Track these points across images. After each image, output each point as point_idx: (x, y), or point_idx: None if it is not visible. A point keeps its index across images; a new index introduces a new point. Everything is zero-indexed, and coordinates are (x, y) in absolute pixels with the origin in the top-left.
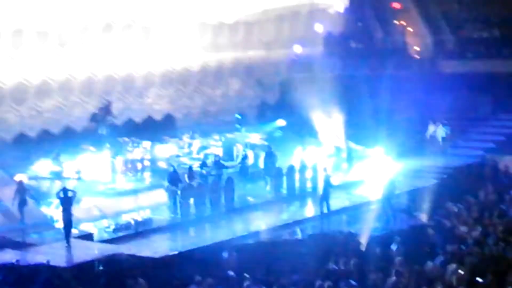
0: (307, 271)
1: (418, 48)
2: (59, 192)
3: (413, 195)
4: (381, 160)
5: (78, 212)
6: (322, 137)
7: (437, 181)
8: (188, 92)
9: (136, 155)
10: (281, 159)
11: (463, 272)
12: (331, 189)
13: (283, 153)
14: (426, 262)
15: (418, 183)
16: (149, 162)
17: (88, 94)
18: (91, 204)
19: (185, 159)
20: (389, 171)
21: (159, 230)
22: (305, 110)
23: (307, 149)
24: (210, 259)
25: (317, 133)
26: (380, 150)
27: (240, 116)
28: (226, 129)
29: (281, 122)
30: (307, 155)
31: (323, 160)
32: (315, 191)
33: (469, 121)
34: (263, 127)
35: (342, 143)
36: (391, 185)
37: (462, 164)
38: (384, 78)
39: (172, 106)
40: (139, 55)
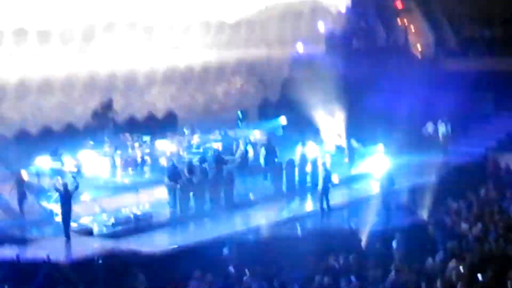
0: (307, 267)
1: (420, 47)
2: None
3: (414, 192)
4: (382, 158)
5: (78, 207)
6: (323, 135)
7: (438, 178)
8: (190, 90)
9: (136, 151)
10: (282, 156)
11: (463, 269)
12: (331, 186)
13: (285, 150)
14: (426, 258)
15: (419, 180)
16: (149, 158)
17: (90, 92)
18: (91, 199)
19: (185, 154)
20: (389, 169)
21: (159, 225)
22: (307, 108)
23: (308, 146)
24: (210, 254)
25: (318, 131)
26: (381, 148)
27: (241, 114)
28: (228, 127)
29: (282, 120)
30: (308, 152)
31: (324, 157)
32: (315, 187)
33: (471, 119)
34: (264, 124)
35: (343, 141)
36: (389, 182)
37: (463, 161)
38: (386, 77)
39: (174, 103)
40: (141, 53)
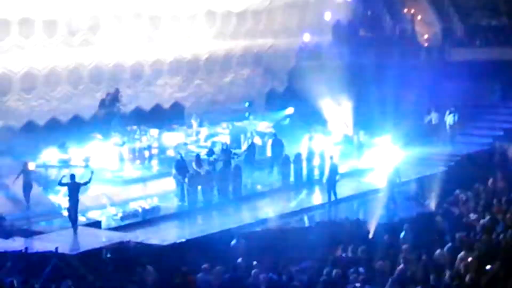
0: (315, 258)
1: (427, 36)
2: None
3: (422, 182)
4: (389, 148)
5: (86, 200)
6: (330, 125)
7: (446, 168)
8: (196, 81)
9: (144, 143)
10: (289, 147)
11: (472, 260)
12: (338, 177)
13: (292, 141)
14: (435, 249)
15: (426, 170)
16: (157, 150)
17: (96, 83)
18: (99, 192)
19: (193, 146)
20: (396, 159)
21: (166, 217)
22: (314, 98)
23: (315, 137)
24: (218, 246)
25: (325, 121)
26: (388, 138)
27: (248, 104)
28: (235, 117)
29: (289, 110)
30: (315, 143)
31: (331, 148)
32: (322, 179)
33: (478, 108)
34: (271, 115)
35: (350, 131)
36: (394, 173)
37: (470, 151)
38: (393, 66)
39: (181, 94)
40: (147, 44)
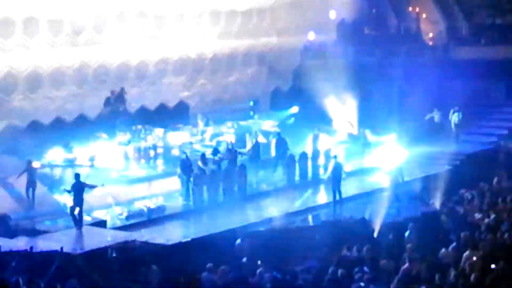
0: (320, 258)
1: (432, 35)
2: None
3: (426, 181)
4: (394, 147)
5: (91, 199)
6: (335, 124)
7: (450, 167)
8: (201, 80)
9: (149, 142)
10: (295, 146)
11: (477, 259)
12: (343, 176)
13: (297, 140)
14: (440, 248)
15: (431, 169)
16: (162, 150)
17: (101, 82)
18: (104, 191)
19: (198, 146)
20: (400, 158)
21: (172, 217)
22: (319, 97)
23: (320, 136)
24: (223, 246)
25: (330, 120)
26: (393, 137)
27: (253, 103)
28: (240, 117)
29: (294, 109)
30: (320, 142)
31: (336, 147)
32: (327, 178)
33: (482, 107)
34: (276, 114)
35: (355, 130)
36: (397, 172)
37: (475, 150)
38: (398, 65)
39: (185, 93)
40: (152, 43)
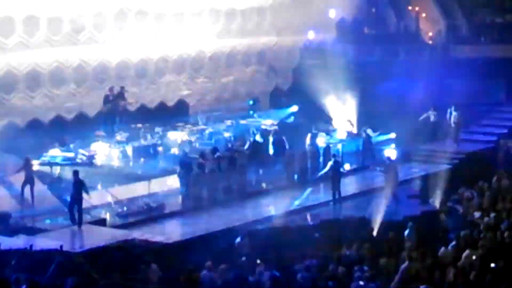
0: (319, 256)
1: (431, 34)
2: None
3: (426, 180)
4: (393, 146)
5: (91, 198)
6: (335, 123)
7: (450, 166)
8: (200, 78)
9: (148, 140)
10: (294, 144)
11: (476, 258)
12: (342, 175)
13: (296, 139)
14: (439, 247)
15: (430, 168)
16: (161, 148)
17: (101, 80)
18: (103, 190)
19: (197, 144)
20: (398, 157)
21: (171, 215)
22: (318, 96)
23: (320, 135)
24: (223, 244)
25: (330, 118)
26: (393, 135)
27: (253, 102)
28: (239, 115)
29: (294, 108)
30: (320, 141)
31: (335, 146)
32: (327, 177)
33: (482, 106)
34: (276, 113)
35: (354, 129)
36: (394, 171)
37: (475, 149)
38: (397, 64)
39: (185, 92)
40: (152, 41)
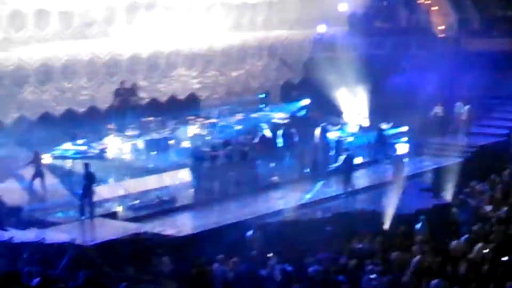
0: (331, 250)
1: (443, 27)
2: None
3: (438, 174)
4: (405, 139)
5: (103, 191)
6: (346, 116)
7: (462, 160)
8: (212, 72)
9: (160, 134)
10: (306, 138)
11: (488, 251)
12: (354, 168)
13: (308, 132)
14: (451, 241)
15: (442, 162)
16: (173, 141)
17: (112, 74)
18: (115, 183)
19: (209, 138)
20: (410, 151)
21: (183, 208)
22: (329, 89)
23: (331, 128)
24: (234, 238)
25: (341, 112)
26: (404, 129)
27: (264, 96)
28: (250, 109)
29: (305, 102)
30: (330, 134)
31: (347, 139)
32: (338, 170)
33: (494, 99)
34: (287, 106)
35: (366, 122)
36: (400, 165)
37: (486, 143)
38: (409, 57)
39: (196, 86)
40: (163, 35)
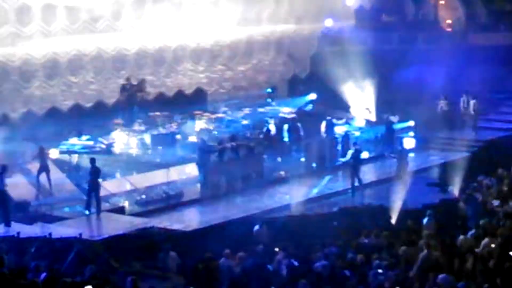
0: (338, 244)
1: (450, 21)
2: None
3: (445, 168)
4: (412, 134)
5: (110, 186)
6: (353, 111)
7: (469, 154)
8: (218, 66)
9: (167, 129)
10: (313, 132)
11: (495, 246)
12: (361, 162)
13: (315, 126)
14: (458, 235)
15: (449, 156)
16: (180, 136)
17: (119, 69)
18: (122, 178)
19: (216, 132)
20: (417, 145)
21: (190, 203)
22: (336, 83)
23: (335, 122)
24: (241, 232)
25: (348, 106)
26: (411, 123)
27: (271, 90)
28: (257, 104)
29: (312, 96)
30: (335, 128)
31: (354, 133)
32: (345, 165)
33: (501, 94)
34: (294, 101)
35: (373, 117)
36: (404, 159)
37: (494, 137)
38: (416, 51)
39: (203, 80)
40: (170, 30)
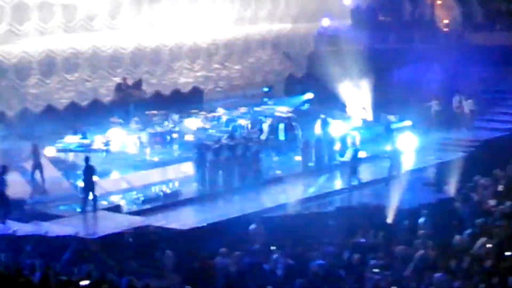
0: (334, 244)
1: (447, 21)
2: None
3: (441, 168)
4: (409, 133)
5: (107, 184)
6: (349, 110)
7: (465, 154)
8: (215, 65)
9: (163, 127)
10: (309, 132)
11: (491, 246)
12: (359, 162)
13: (311, 126)
14: (454, 235)
15: (445, 156)
16: (177, 135)
17: (115, 67)
18: (119, 177)
19: (213, 131)
20: (412, 145)
21: (187, 202)
22: (333, 83)
23: (334, 122)
24: (238, 231)
25: (345, 106)
26: (408, 123)
27: (267, 89)
28: (254, 103)
29: (308, 95)
30: (335, 128)
31: (351, 133)
32: (343, 164)
33: (498, 93)
34: (291, 100)
35: (369, 116)
36: (396, 159)
37: (490, 137)
38: (412, 51)
39: (200, 79)
40: (166, 28)
